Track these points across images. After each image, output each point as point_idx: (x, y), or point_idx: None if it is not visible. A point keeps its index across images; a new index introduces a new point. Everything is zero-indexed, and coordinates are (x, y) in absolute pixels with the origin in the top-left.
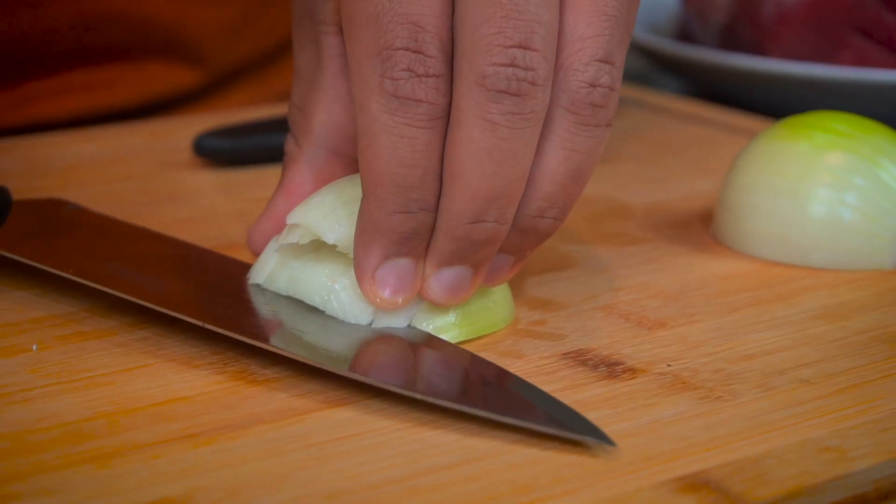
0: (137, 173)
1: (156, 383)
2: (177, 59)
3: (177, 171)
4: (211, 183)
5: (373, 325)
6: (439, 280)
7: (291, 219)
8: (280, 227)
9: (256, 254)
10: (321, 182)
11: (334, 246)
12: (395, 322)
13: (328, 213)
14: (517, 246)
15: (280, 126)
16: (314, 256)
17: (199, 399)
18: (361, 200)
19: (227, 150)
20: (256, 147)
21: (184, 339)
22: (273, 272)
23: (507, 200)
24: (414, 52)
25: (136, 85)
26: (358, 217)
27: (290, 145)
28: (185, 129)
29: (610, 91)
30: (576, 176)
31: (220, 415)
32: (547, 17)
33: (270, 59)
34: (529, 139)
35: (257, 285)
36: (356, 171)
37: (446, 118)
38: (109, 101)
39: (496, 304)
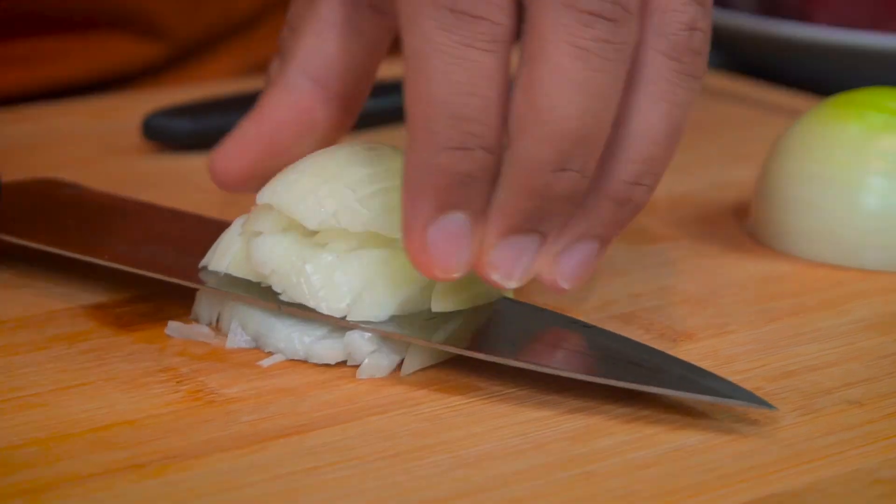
0: (78, 159)
1: (96, 404)
2: (131, 29)
3: (124, 157)
4: (163, 171)
5: (349, 318)
6: (504, 251)
7: (262, 198)
8: (247, 154)
9: (221, 186)
10: (297, 112)
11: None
12: (374, 314)
13: (307, 193)
14: (608, 224)
15: (245, 105)
16: (283, 234)
17: (147, 423)
18: (407, 142)
19: (182, 133)
20: (217, 129)
21: (130, 353)
22: (237, 256)
23: (595, 147)
24: (476, 18)
25: (85, 58)
26: (404, 164)
27: (272, 67)
28: (135, 107)
29: (706, 37)
30: (675, 136)
31: (170, 441)
32: None
33: (238, 29)
34: (622, 76)
35: (215, 274)
36: (337, 111)
37: (510, 43)
38: (54, 76)
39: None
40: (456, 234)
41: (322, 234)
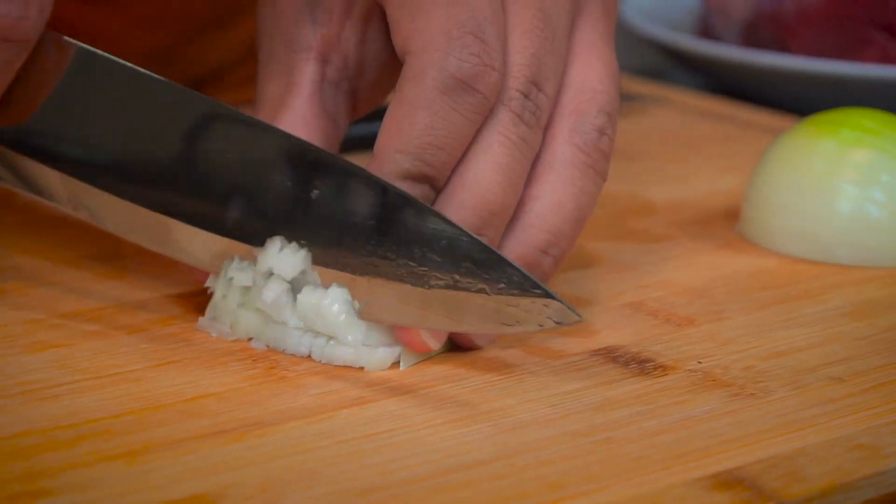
0: None
1: (184, 379)
2: None
3: None
4: None
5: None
6: None
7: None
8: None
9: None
10: None
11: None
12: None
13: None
14: None
15: None
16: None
17: (229, 395)
18: (372, 159)
19: None
20: None
21: (212, 336)
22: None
23: (504, 219)
24: (482, 41)
25: None
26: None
27: None
28: None
29: (612, 143)
30: (581, 218)
31: (249, 411)
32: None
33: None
34: (526, 173)
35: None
36: None
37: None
38: None
39: None
40: None
41: None
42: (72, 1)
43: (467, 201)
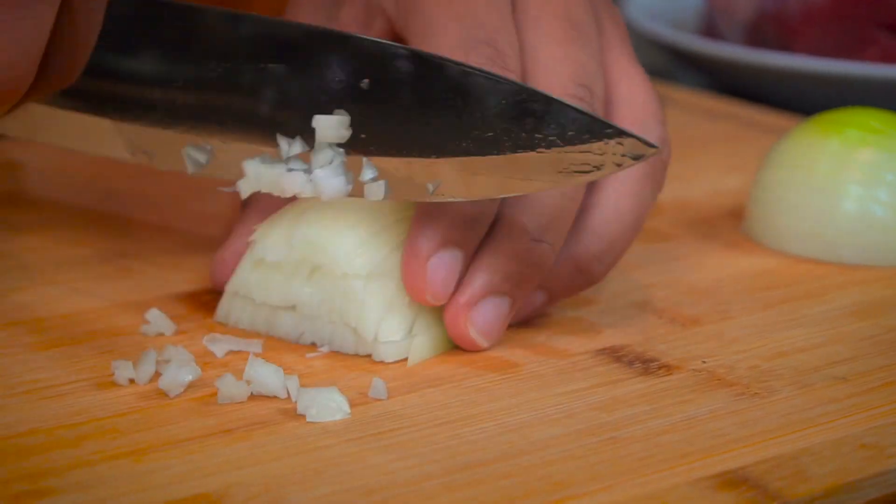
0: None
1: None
2: None
3: None
4: None
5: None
6: (486, 309)
7: (308, 246)
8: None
9: (222, 286)
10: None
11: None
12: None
13: (360, 243)
14: (561, 285)
15: None
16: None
17: None
18: None
19: None
20: None
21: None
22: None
23: (565, 225)
24: (493, 48)
25: None
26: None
27: None
28: None
29: (669, 150)
30: (636, 227)
31: (254, 410)
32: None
33: None
34: None
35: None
36: None
37: None
38: None
39: None
40: (451, 269)
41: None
42: None
43: (528, 205)
